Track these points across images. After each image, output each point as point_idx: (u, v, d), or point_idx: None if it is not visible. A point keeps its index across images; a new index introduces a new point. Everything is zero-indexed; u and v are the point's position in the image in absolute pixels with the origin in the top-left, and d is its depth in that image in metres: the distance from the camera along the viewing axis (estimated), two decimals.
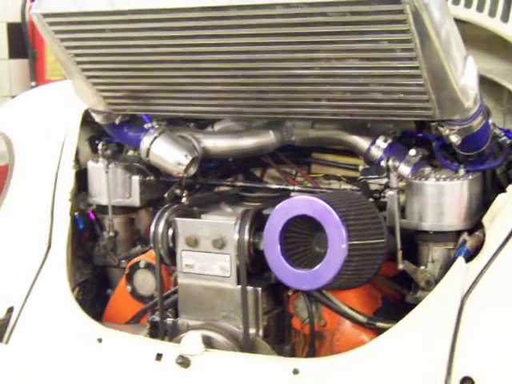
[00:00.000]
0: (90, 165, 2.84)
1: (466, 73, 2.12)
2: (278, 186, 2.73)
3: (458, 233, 2.31)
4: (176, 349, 2.28)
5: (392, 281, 2.45)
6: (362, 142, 2.59)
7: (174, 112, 2.57)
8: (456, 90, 2.10)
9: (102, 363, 2.37)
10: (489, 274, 2.11)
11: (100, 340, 2.39)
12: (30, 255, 2.65)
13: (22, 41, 6.87)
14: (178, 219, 2.45)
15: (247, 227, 2.34)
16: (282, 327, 2.45)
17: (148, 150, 2.61)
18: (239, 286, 2.36)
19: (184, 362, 2.23)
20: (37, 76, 6.98)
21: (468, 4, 2.68)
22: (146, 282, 2.69)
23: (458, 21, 2.13)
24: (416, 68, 2.05)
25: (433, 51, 2.00)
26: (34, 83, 6.91)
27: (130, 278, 2.71)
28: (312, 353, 2.42)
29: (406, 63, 2.06)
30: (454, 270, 2.15)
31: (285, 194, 2.64)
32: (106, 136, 2.87)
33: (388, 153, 2.50)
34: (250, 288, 2.36)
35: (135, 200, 2.83)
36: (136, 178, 2.82)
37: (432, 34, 1.96)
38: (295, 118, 2.58)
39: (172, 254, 2.47)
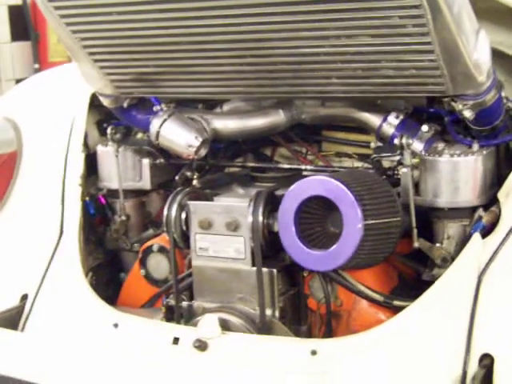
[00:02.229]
0: (100, 149, 2.83)
1: (478, 47, 2.09)
2: (289, 166, 2.71)
3: (473, 209, 2.29)
4: (193, 332, 2.27)
5: (408, 258, 2.43)
6: (374, 119, 2.57)
7: (182, 94, 2.55)
8: (469, 65, 2.07)
9: (119, 348, 2.37)
10: (506, 250, 2.09)
11: (116, 325, 2.39)
12: (43, 242, 2.65)
13: (24, 23, 6.84)
14: (190, 202, 2.43)
15: (261, 209, 2.33)
16: (298, 308, 2.44)
17: (158, 132, 2.59)
18: (254, 268, 2.35)
19: (201, 345, 2.22)
20: (40, 58, 6.95)
21: None
22: (159, 265, 2.68)
23: None
24: (428, 43, 2.03)
25: (445, 26, 1.97)
26: (37, 65, 6.90)
27: (143, 262, 2.71)
28: (329, 333, 2.41)
29: (418, 39, 2.03)
30: (471, 247, 2.14)
31: (297, 174, 2.62)
32: (114, 119, 2.85)
33: (400, 129, 2.48)
34: (265, 269, 2.35)
35: (146, 183, 2.82)
36: (146, 161, 2.80)
37: (444, 8, 1.93)
38: (305, 96, 2.56)
39: (185, 237, 2.46)
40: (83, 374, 2.37)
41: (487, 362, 1.96)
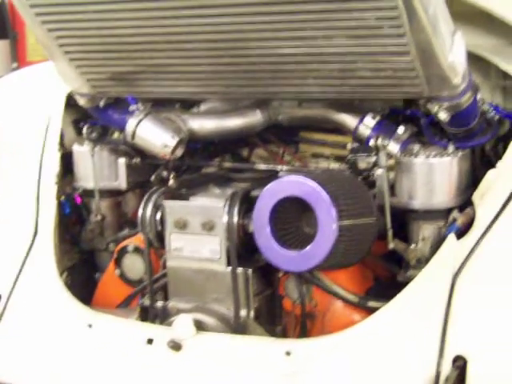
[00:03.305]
0: (76, 148, 2.82)
1: (454, 49, 2.10)
2: (266, 167, 2.71)
3: (449, 210, 2.30)
4: (167, 332, 2.27)
5: (383, 259, 2.44)
6: (350, 120, 2.57)
7: (159, 93, 2.54)
8: (444, 67, 2.08)
9: (93, 349, 2.36)
10: (480, 251, 2.11)
11: (90, 325, 2.38)
12: (17, 241, 2.63)
13: (2, 22, 6.79)
14: (166, 202, 2.42)
15: (236, 209, 2.32)
16: (273, 308, 2.44)
17: (134, 132, 2.57)
18: (229, 268, 2.34)
19: (175, 345, 2.22)
20: (18, 57, 6.90)
21: None
22: (134, 265, 2.67)
23: None
24: (404, 45, 2.04)
25: (420, 27, 1.98)
26: (15, 64, 6.84)
27: (118, 262, 2.70)
28: (304, 333, 2.41)
29: (394, 40, 2.04)
30: (446, 248, 2.15)
31: (273, 175, 2.61)
32: (91, 118, 2.83)
33: (376, 131, 2.48)
34: (240, 270, 2.34)
35: (122, 183, 2.80)
36: (122, 161, 2.79)
37: (419, 9, 1.94)
38: (282, 97, 2.56)
39: (161, 237, 2.44)
40: (57, 374, 2.36)
41: (460, 363, 1.97)
